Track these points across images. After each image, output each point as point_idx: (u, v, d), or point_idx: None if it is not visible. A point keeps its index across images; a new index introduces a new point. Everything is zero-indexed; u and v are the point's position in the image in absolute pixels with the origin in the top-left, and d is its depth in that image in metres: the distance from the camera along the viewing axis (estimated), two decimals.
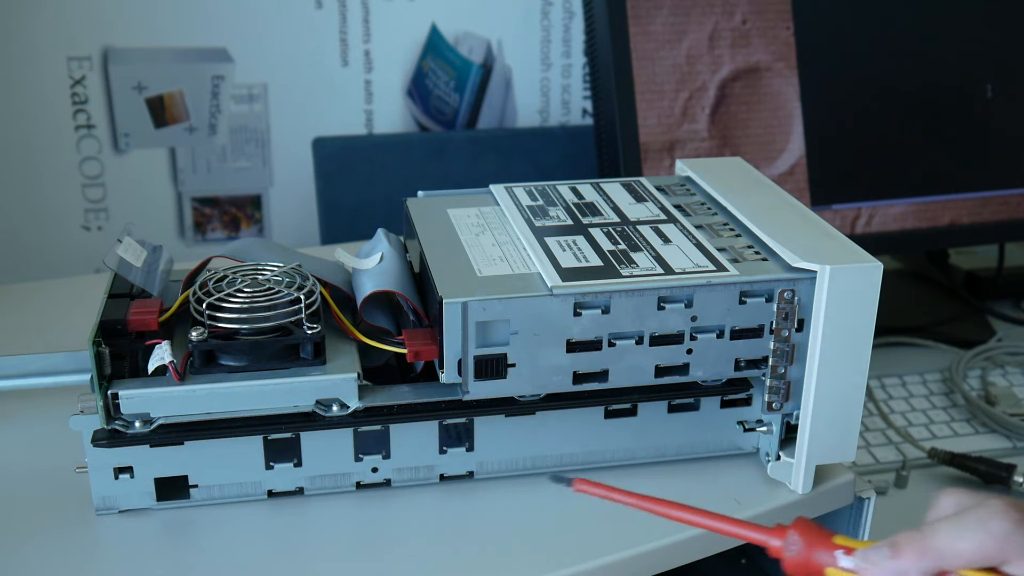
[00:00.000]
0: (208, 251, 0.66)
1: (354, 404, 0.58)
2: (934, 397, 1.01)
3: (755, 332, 0.60)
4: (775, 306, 0.59)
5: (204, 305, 0.58)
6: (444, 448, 0.61)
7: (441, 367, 0.57)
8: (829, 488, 0.63)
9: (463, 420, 0.61)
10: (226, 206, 1.33)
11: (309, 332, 0.58)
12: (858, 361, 0.59)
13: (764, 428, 0.63)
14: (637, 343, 0.58)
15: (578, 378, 0.59)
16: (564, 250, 0.61)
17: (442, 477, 0.62)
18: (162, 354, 0.56)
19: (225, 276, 0.61)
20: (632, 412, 0.63)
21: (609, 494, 0.50)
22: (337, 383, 0.58)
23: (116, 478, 0.58)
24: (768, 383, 0.60)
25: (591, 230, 0.64)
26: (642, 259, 0.60)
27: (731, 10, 1.00)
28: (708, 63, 1.00)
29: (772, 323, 0.59)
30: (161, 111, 1.27)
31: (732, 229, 0.65)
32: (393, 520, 0.60)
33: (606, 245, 0.62)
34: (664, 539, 0.58)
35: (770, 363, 0.60)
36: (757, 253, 0.62)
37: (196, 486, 0.59)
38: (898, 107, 1.06)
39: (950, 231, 1.09)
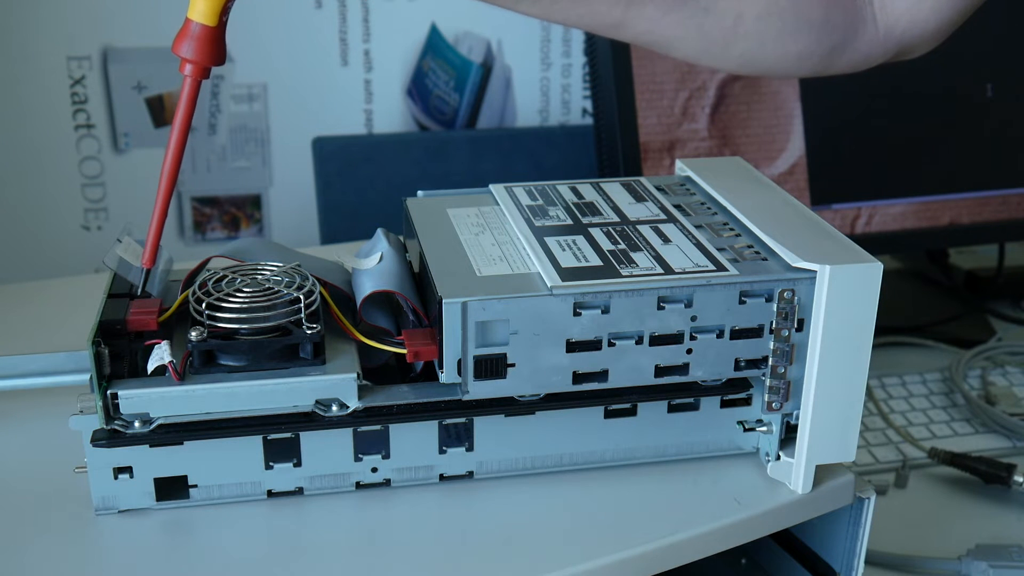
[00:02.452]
0: (208, 251, 0.66)
1: (354, 404, 0.58)
2: (934, 397, 1.01)
3: (755, 332, 0.60)
4: (775, 306, 0.59)
5: (203, 305, 0.58)
6: (444, 448, 0.61)
7: (441, 367, 0.57)
8: (829, 488, 0.63)
9: (463, 420, 0.61)
10: (226, 206, 1.33)
11: (309, 332, 0.58)
12: (858, 361, 0.59)
13: (764, 428, 0.63)
14: (637, 343, 0.58)
15: (578, 378, 0.59)
16: (564, 250, 0.61)
17: (442, 477, 0.62)
18: (161, 354, 0.56)
19: (224, 276, 0.61)
20: (632, 412, 0.63)
21: None
22: (337, 383, 0.58)
23: (116, 478, 0.58)
24: (768, 383, 0.60)
25: (591, 230, 0.64)
26: (642, 259, 0.60)
27: None
28: None
29: (772, 323, 0.59)
30: (161, 111, 1.27)
31: (732, 229, 0.65)
32: (393, 520, 0.60)
33: (606, 245, 0.62)
34: (664, 539, 0.58)
35: (770, 363, 0.60)
36: (757, 253, 0.62)
37: (196, 486, 0.59)
38: (898, 107, 1.06)
39: (950, 231, 1.09)
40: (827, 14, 0.64)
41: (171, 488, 0.59)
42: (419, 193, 0.71)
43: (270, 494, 0.60)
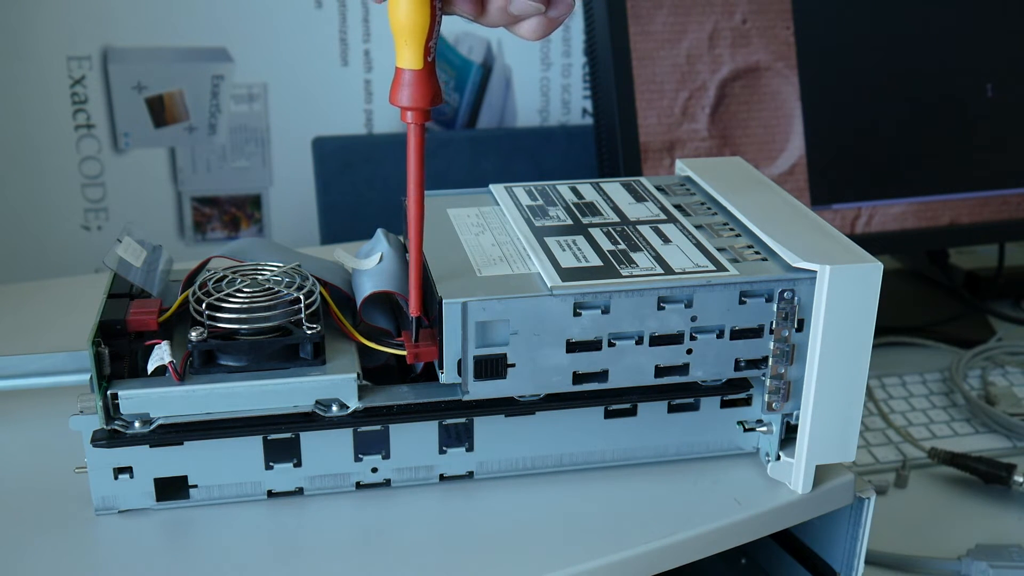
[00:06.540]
0: (208, 251, 0.66)
1: (354, 404, 0.58)
2: (934, 397, 1.01)
3: (755, 332, 0.60)
4: (775, 306, 0.59)
5: (204, 305, 0.58)
6: (444, 448, 0.61)
7: (441, 367, 0.57)
8: (829, 488, 0.63)
9: (463, 420, 0.61)
10: (226, 206, 1.33)
11: (309, 332, 0.58)
12: (858, 361, 0.59)
13: (764, 428, 0.63)
14: (637, 343, 0.58)
15: (578, 378, 0.59)
16: (564, 250, 0.61)
17: (442, 477, 0.62)
18: (161, 354, 0.56)
19: (225, 276, 0.61)
20: (632, 412, 0.63)
21: None
22: (337, 383, 0.58)
23: (116, 478, 0.58)
24: (768, 383, 0.60)
25: (591, 230, 0.64)
26: (642, 259, 0.60)
27: (731, 10, 1.00)
28: (708, 63, 1.00)
29: (772, 323, 0.59)
30: (161, 111, 1.27)
31: (732, 229, 0.65)
32: (393, 520, 0.60)
33: (606, 245, 0.62)
34: (664, 539, 0.58)
35: (770, 363, 0.60)
36: (757, 253, 0.62)
37: (196, 486, 0.59)
38: (898, 107, 1.06)
39: (950, 231, 1.09)
40: None
41: (171, 488, 0.59)
42: None
43: (270, 494, 0.60)
